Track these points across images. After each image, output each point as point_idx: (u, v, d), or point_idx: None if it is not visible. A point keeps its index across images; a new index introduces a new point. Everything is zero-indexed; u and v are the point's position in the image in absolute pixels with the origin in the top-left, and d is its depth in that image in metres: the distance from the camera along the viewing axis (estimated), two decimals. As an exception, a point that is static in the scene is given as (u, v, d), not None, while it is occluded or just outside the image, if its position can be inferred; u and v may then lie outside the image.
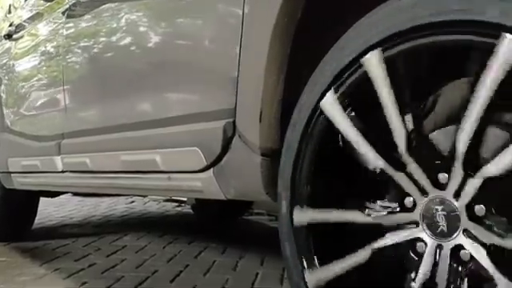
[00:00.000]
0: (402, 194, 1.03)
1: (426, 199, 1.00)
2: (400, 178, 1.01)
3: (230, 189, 1.31)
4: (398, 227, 1.04)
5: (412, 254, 1.05)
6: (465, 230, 0.92)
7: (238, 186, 1.28)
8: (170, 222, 3.74)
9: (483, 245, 0.86)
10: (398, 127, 1.00)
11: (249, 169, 1.23)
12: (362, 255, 1.04)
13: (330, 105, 1.06)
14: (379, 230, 1.07)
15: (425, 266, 0.97)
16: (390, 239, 1.04)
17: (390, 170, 1.02)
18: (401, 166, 1.02)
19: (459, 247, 0.93)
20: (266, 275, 2.15)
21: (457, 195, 0.93)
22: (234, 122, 1.25)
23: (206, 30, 1.36)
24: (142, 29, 1.66)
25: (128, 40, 1.71)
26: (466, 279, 0.92)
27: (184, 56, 1.44)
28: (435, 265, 0.96)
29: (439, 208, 0.97)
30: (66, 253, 2.46)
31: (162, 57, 1.53)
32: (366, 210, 1.08)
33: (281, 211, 1.17)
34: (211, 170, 1.36)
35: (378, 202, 1.08)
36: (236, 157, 1.28)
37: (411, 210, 1.02)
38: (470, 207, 0.91)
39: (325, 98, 1.07)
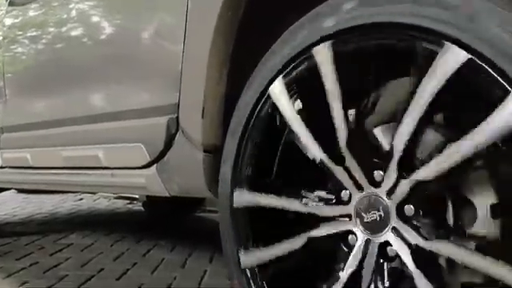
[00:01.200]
0: (339, 187, 1.05)
1: (360, 194, 1.03)
2: (338, 171, 1.03)
3: (174, 185, 1.30)
4: (333, 219, 1.07)
5: (343, 246, 1.08)
6: (393, 228, 0.94)
7: (181, 183, 1.27)
8: (119, 220, 3.66)
9: (408, 244, 0.89)
10: (340, 121, 1.02)
11: (191, 165, 1.23)
12: (297, 242, 1.06)
13: (279, 91, 1.06)
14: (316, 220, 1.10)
15: (353, 259, 1.00)
16: (324, 230, 1.06)
17: (329, 163, 1.04)
18: (340, 160, 1.05)
19: (387, 244, 0.95)
20: (215, 272, 2.14)
21: (389, 194, 0.96)
22: (177, 118, 1.24)
23: (150, 24, 1.34)
24: (85, 22, 1.62)
25: (71, 32, 1.66)
26: (388, 275, 0.95)
27: (127, 50, 1.41)
28: (363, 258, 0.99)
29: (372, 204, 1.00)
30: (7, 252, 2.36)
31: (106, 50, 1.50)
32: (303, 200, 1.10)
33: (221, 192, 1.17)
34: (154, 166, 1.35)
35: (316, 193, 1.10)
36: (179, 153, 1.27)
37: (346, 203, 1.04)
38: (400, 206, 0.94)
39: (273, 84, 1.07)
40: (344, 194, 1.05)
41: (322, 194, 1.09)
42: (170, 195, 1.27)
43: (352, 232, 1.03)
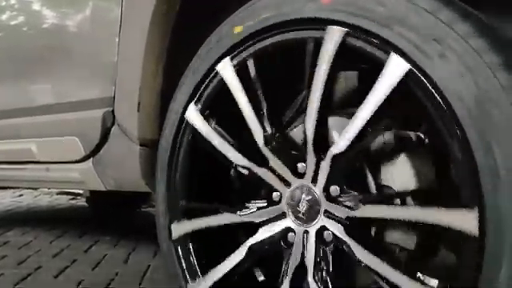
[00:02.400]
0: (269, 190, 1.08)
1: (289, 190, 1.06)
2: (264, 173, 1.06)
3: (110, 179, 1.28)
4: (270, 221, 1.10)
5: (284, 245, 1.11)
6: (325, 212, 0.98)
7: (117, 177, 1.26)
8: (61, 216, 3.55)
9: (340, 221, 0.94)
10: (255, 125, 1.05)
11: (128, 159, 1.21)
12: (239, 254, 1.08)
13: (193, 115, 1.11)
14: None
15: (295, 253, 1.03)
16: (262, 234, 1.09)
17: (254, 167, 1.07)
18: (263, 162, 1.07)
19: (323, 229, 0.99)
20: (158, 267, 2.12)
21: (314, 180, 1.00)
22: (113, 111, 1.23)
23: (85, 15, 1.32)
24: (20, 10, 1.56)
25: (5, 21, 1.60)
26: (331, 258, 0.98)
27: (62, 41, 1.38)
28: (304, 250, 1.02)
29: (302, 196, 1.03)
30: None
31: (40, 41, 1.46)
32: (238, 211, 1.12)
33: (159, 226, 1.20)
34: (90, 160, 1.32)
35: (250, 203, 1.13)
36: (115, 147, 1.26)
37: (278, 202, 1.08)
38: (326, 189, 0.98)
39: (188, 110, 1.12)
40: (275, 195, 1.09)
41: (256, 201, 1.12)
42: (106, 189, 1.26)
43: (290, 229, 1.06)
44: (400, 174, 1.03)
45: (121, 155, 1.24)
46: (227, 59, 1.08)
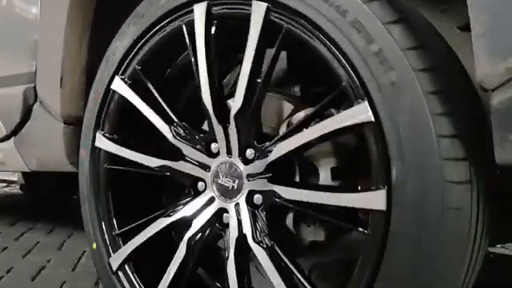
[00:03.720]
0: (193, 181, 1.11)
1: (210, 173, 1.09)
2: (182, 165, 1.09)
3: (32, 159, 1.25)
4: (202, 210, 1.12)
5: (221, 227, 1.13)
6: (248, 176, 1.03)
7: (40, 156, 1.23)
8: (-7, 203, 3.44)
9: (263, 175, 1.03)
10: (159, 121, 1.08)
11: (51, 137, 1.19)
12: (181, 253, 1.09)
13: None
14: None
15: (232, 226, 1.06)
16: (196, 225, 1.11)
17: (171, 163, 1.09)
18: (178, 156, 1.10)
19: (251, 194, 1.03)
20: None
21: (229, 152, 1.06)
22: (34, 88, 1.18)
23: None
24: None
25: None
26: (265, 217, 1.06)
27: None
28: (239, 220, 1.04)
29: (224, 172, 1.05)
30: None
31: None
32: (170, 213, 1.13)
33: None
34: (12, 139, 1.28)
35: (178, 201, 1.15)
36: (38, 125, 1.22)
37: (204, 189, 1.10)
38: (242, 155, 1.04)
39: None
40: (200, 185, 1.17)
41: (185, 197, 1.14)
42: (30, 170, 1.22)
43: (222, 209, 1.09)
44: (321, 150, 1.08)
45: (44, 134, 1.21)
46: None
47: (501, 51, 0.72)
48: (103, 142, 1.29)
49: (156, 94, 1.22)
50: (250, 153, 1.07)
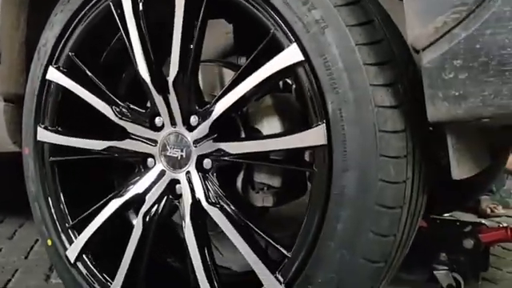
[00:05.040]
0: (143, 159, 1.12)
1: (157, 147, 1.10)
2: (128, 144, 1.12)
3: (-28, 141, 1.20)
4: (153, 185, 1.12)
5: (175, 198, 1.13)
6: (194, 142, 1.03)
7: None
8: None
9: (208, 136, 1.05)
10: (100, 104, 1.09)
11: None
12: (138, 230, 1.08)
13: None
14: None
15: (185, 194, 1.06)
16: (149, 201, 1.11)
17: (117, 144, 1.11)
18: (124, 135, 1.10)
19: (199, 159, 1.04)
20: None
21: (173, 122, 1.08)
22: (-29, 64, 1.15)
23: None
24: None
25: None
26: (215, 178, 1.08)
27: None
28: (192, 187, 1.05)
29: (170, 144, 1.07)
30: None
31: None
32: (123, 193, 1.13)
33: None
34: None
35: (131, 180, 1.15)
36: (-25, 103, 1.18)
37: (154, 165, 1.10)
38: (187, 123, 1.07)
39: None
40: (150, 161, 1.18)
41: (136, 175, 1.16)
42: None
43: (174, 181, 1.10)
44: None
45: (-18, 113, 1.17)
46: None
47: (430, 12, 0.75)
48: (46, 135, 1.27)
49: (94, 78, 1.21)
50: (193, 120, 1.08)
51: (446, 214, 2.20)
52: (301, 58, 0.90)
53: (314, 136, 0.90)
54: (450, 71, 0.74)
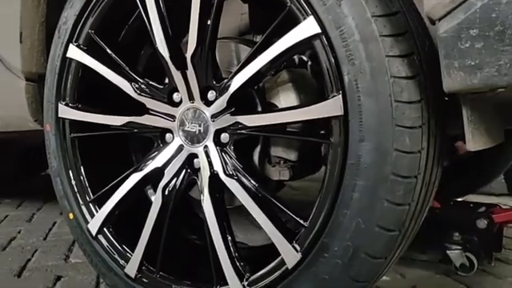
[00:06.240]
0: (161, 134, 1.15)
1: (176, 121, 1.13)
2: (147, 119, 1.15)
3: (-6, 120, 1.24)
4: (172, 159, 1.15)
5: (193, 172, 1.16)
6: (212, 117, 1.05)
7: (2, 116, 1.22)
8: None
9: (225, 111, 1.07)
10: (121, 81, 1.11)
11: (13, 95, 1.18)
12: (157, 203, 1.11)
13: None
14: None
15: (203, 167, 1.08)
16: (168, 174, 1.14)
17: (136, 119, 1.14)
18: (143, 111, 1.12)
19: (217, 133, 1.06)
20: (65, 222, 2.06)
21: (191, 97, 1.10)
22: (-8, 45, 1.18)
23: None
24: None
25: None
26: (232, 151, 1.10)
27: None
28: (209, 160, 1.07)
29: (189, 119, 1.09)
30: None
31: None
32: (142, 168, 1.16)
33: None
34: (-28, 99, 1.26)
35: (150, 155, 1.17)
36: (-2, 83, 1.22)
37: (172, 140, 1.13)
38: (204, 98, 1.09)
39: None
40: (168, 136, 1.20)
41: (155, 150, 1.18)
42: (-9, 132, 1.21)
43: (193, 155, 1.14)
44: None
45: (5, 93, 1.20)
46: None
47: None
48: (66, 112, 1.30)
49: (113, 55, 1.24)
50: (211, 95, 1.10)
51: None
52: (317, 30, 0.91)
53: (331, 107, 0.91)
54: (465, 40, 0.75)
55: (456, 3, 0.75)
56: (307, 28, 0.92)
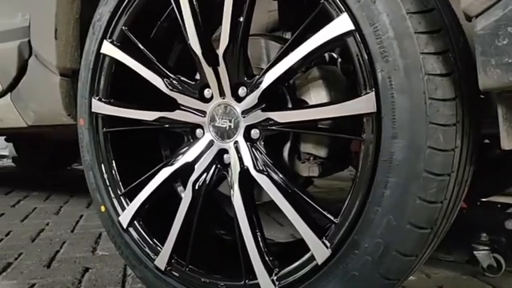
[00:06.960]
0: (191, 130, 1.16)
1: (206, 117, 1.14)
2: (178, 114, 1.15)
3: (30, 114, 1.27)
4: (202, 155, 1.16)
5: (223, 167, 1.17)
6: (243, 113, 1.07)
7: (37, 110, 1.25)
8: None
9: (257, 107, 1.07)
10: (154, 77, 1.13)
11: (48, 90, 1.21)
12: (187, 197, 1.13)
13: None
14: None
15: (234, 163, 1.10)
16: (198, 169, 1.15)
17: (168, 114, 1.15)
18: (174, 106, 1.13)
19: (247, 129, 1.07)
20: (92, 215, 2.11)
21: (222, 93, 1.10)
22: (29, 42, 1.20)
23: None
24: None
25: None
26: (263, 147, 1.10)
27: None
28: (240, 156, 1.08)
29: (219, 114, 1.10)
30: None
31: None
32: (173, 163, 1.17)
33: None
34: (8, 95, 1.29)
35: (180, 150, 1.19)
36: (34, 79, 1.25)
37: (203, 135, 1.15)
38: (235, 94, 1.09)
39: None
40: (198, 132, 1.22)
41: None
42: (27, 125, 1.23)
43: (223, 150, 1.16)
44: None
45: (40, 88, 1.23)
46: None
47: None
48: (100, 107, 1.33)
49: (146, 52, 1.26)
50: (242, 91, 1.11)
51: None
52: (351, 27, 0.91)
53: (364, 104, 0.91)
54: (503, 38, 0.74)
55: (494, 0, 0.74)
56: (341, 25, 0.92)
